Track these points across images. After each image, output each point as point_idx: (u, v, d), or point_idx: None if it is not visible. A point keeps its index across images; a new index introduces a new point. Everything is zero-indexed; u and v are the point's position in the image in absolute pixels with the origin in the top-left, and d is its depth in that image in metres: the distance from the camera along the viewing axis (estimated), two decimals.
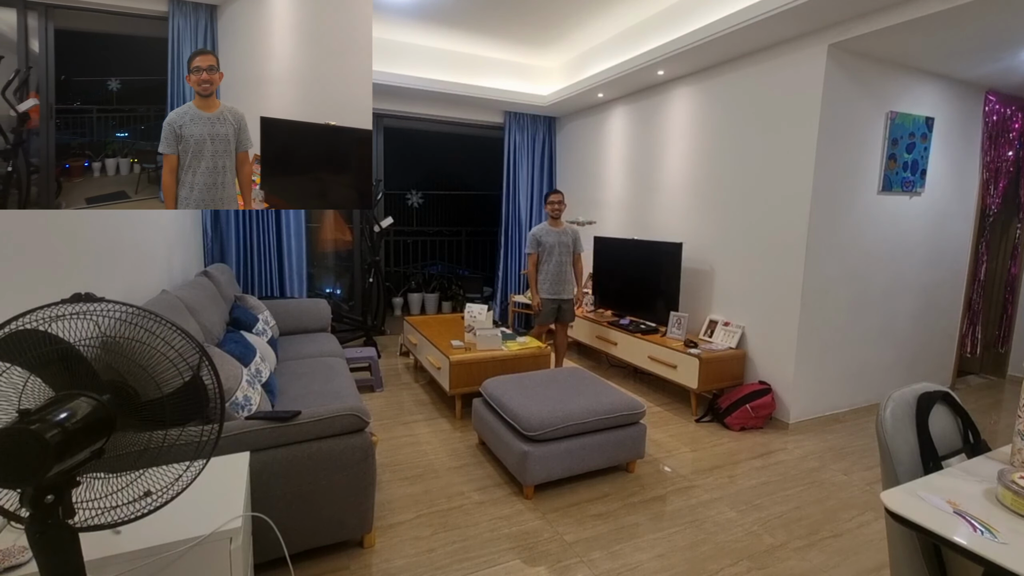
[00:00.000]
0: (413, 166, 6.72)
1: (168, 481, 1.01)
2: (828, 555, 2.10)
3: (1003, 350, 4.43)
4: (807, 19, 2.91)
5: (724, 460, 2.90)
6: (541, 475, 2.42)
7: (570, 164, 5.78)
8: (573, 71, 4.93)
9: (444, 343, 3.59)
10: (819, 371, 3.45)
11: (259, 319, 3.10)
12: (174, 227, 3.37)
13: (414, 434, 3.15)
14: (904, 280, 3.76)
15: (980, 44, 2.99)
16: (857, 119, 3.27)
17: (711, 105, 3.85)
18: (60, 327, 0.91)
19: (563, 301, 3.99)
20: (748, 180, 3.57)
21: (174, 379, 0.96)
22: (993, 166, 4.02)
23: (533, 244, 3.96)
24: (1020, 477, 1.11)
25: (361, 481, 1.92)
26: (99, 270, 2.11)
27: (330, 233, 5.72)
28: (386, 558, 2.01)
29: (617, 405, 2.60)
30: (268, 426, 1.76)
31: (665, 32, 3.69)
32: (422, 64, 4.73)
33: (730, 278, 3.76)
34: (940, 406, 1.40)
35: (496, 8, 3.86)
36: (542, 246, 3.94)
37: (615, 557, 2.04)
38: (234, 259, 4.36)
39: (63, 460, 0.78)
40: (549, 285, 3.96)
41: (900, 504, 1.10)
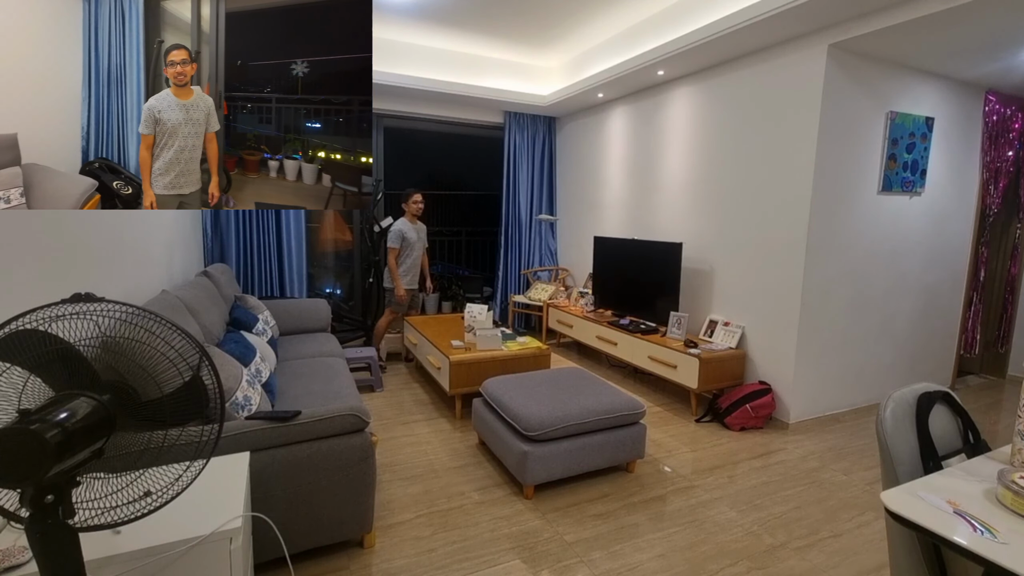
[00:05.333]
0: (413, 166, 6.72)
1: (168, 481, 1.00)
2: (828, 555, 2.10)
3: (1003, 350, 4.43)
4: (807, 19, 2.91)
5: (724, 460, 2.90)
6: (541, 475, 2.42)
7: (570, 164, 5.78)
8: (573, 71, 4.93)
9: (444, 343, 3.59)
10: (819, 371, 3.45)
11: (259, 319, 3.10)
12: (174, 227, 3.37)
13: (414, 434, 3.15)
14: (904, 280, 3.76)
15: (980, 44, 2.99)
16: (857, 119, 3.27)
17: (711, 105, 3.85)
18: (60, 327, 0.91)
19: (418, 291, 4.56)
20: (748, 180, 3.57)
21: (174, 379, 0.96)
22: (993, 166, 4.02)
23: (397, 239, 4.26)
24: (1020, 477, 1.11)
25: (361, 481, 1.92)
26: (99, 270, 2.10)
27: (330, 233, 5.72)
28: (386, 558, 2.01)
29: (617, 405, 2.60)
30: (268, 426, 1.76)
31: (665, 32, 3.69)
32: (422, 64, 4.73)
33: (730, 278, 3.76)
34: (940, 406, 1.40)
35: (496, 8, 3.86)
36: (406, 241, 4.29)
37: (615, 557, 2.04)
38: (234, 259, 4.36)
39: (63, 460, 0.78)
40: (412, 276, 4.40)
41: (900, 504, 1.10)
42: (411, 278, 4.39)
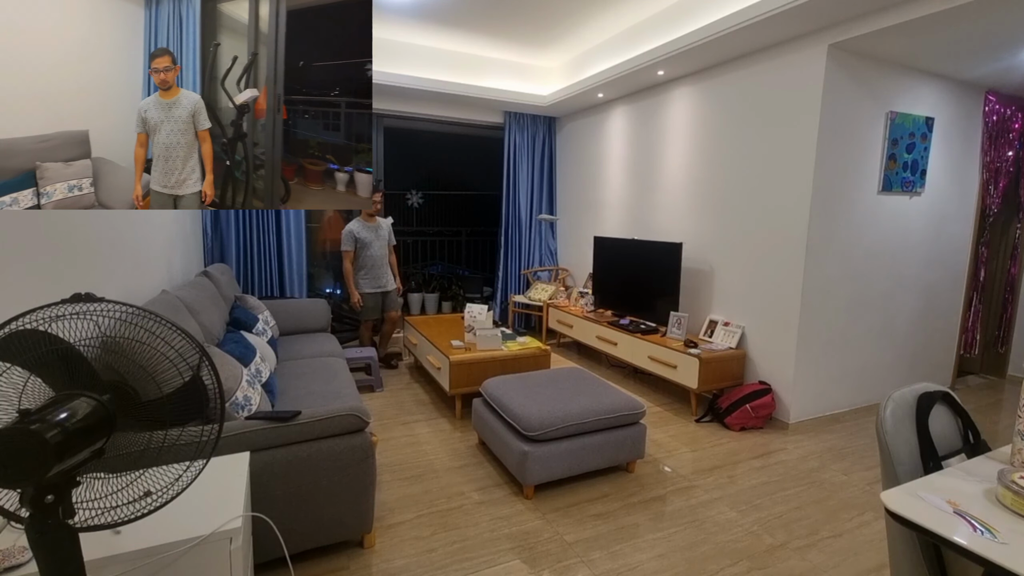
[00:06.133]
0: (413, 166, 6.71)
1: (168, 481, 1.00)
2: (828, 555, 2.10)
3: (1003, 350, 4.43)
4: (807, 19, 2.91)
5: (724, 460, 2.90)
6: (541, 475, 2.42)
7: (570, 164, 5.78)
8: (573, 71, 4.93)
9: (444, 343, 3.59)
10: (819, 371, 3.45)
11: (259, 319, 3.10)
12: (174, 227, 3.37)
13: (414, 434, 3.15)
14: (904, 280, 3.76)
15: (980, 44, 2.99)
16: (857, 119, 3.27)
17: (711, 105, 3.85)
18: (60, 327, 0.91)
19: (387, 292, 4.23)
20: (748, 180, 3.57)
21: (174, 379, 0.96)
22: (993, 166, 4.02)
23: (349, 241, 4.05)
24: (1020, 477, 1.11)
25: (361, 481, 1.92)
26: (99, 270, 2.10)
27: (330, 233, 5.72)
28: (386, 558, 2.01)
29: (617, 405, 2.60)
30: (268, 426, 1.76)
31: (665, 32, 3.69)
32: (422, 64, 4.73)
33: (730, 278, 3.76)
34: (940, 406, 1.40)
35: (496, 8, 3.86)
36: (359, 242, 4.05)
37: (615, 557, 2.04)
38: (234, 259, 4.36)
39: (63, 460, 0.78)
40: (371, 279, 4.13)
41: (900, 504, 1.10)
42: (373, 280, 4.13)
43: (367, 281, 4.11)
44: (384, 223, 4.25)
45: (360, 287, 4.10)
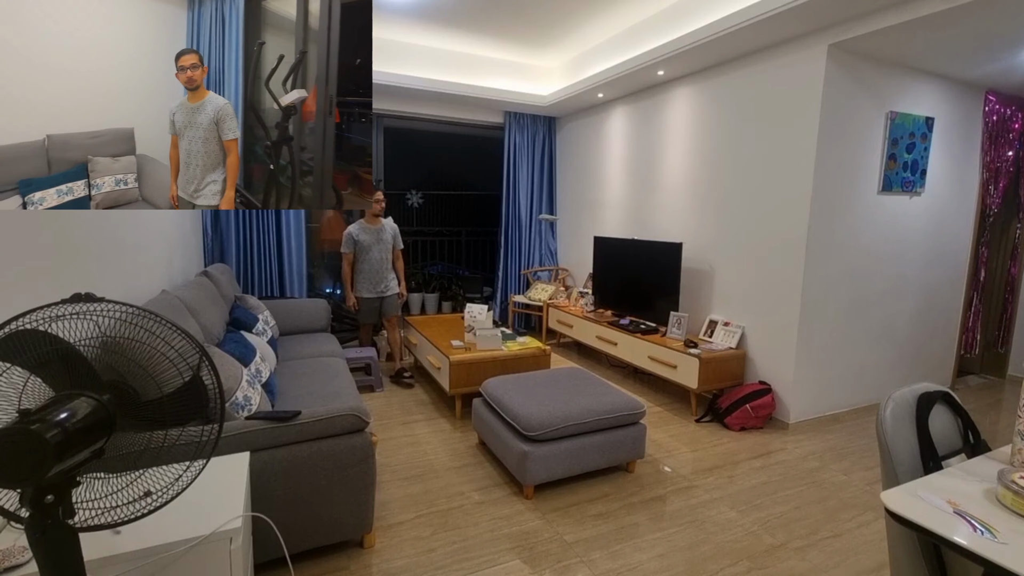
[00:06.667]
0: (413, 166, 6.72)
1: (168, 481, 1.01)
2: (828, 555, 2.10)
3: (1003, 350, 4.43)
4: (807, 19, 2.91)
5: (724, 460, 2.90)
6: (541, 475, 2.42)
7: (570, 164, 5.78)
8: (573, 71, 4.93)
9: (444, 343, 3.59)
10: (819, 371, 3.45)
11: (259, 319, 3.10)
12: (174, 227, 3.37)
13: (414, 434, 3.15)
14: (904, 280, 3.76)
15: (980, 44, 2.99)
16: (857, 119, 3.27)
17: (711, 105, 3.85)
18: (60, 327, 0.91)
19: (384, 298, 4.07)
20: (748, 180, 3.57)
21: (174, 379, 0.96)
22: (993, 166, 4.02)
23: (349, 243, 3.95)
24: (1020, 477, 1.11)
25: (361, 481, 1.92)
26: (99, 270, 2.10)
27: (330, 233, 5.71)
28: (386, 558, 2.01)
29: (617, 405, 2.60)
30: (268, 426, 1.76)
31: (665, 32, 3.69)
32: (422, 64, 4.73)
33: (730, 278, 3.76)
34: (940, 406, 1.40)
35: (496, 8, 3.86)
36: (358, 245, 3.95)
37: (615, 557, 2.04)
38: (234, 259, 4.36)
39: (63, 460, 0.78)
40: (369, 283, 4.00)
41: (900, 504, 1.10)
42: (371, 285, 3.99)
43: (365, 285, 4.01)
44: (389, 226, 4.10)
45: (358, 290, 4.03)
